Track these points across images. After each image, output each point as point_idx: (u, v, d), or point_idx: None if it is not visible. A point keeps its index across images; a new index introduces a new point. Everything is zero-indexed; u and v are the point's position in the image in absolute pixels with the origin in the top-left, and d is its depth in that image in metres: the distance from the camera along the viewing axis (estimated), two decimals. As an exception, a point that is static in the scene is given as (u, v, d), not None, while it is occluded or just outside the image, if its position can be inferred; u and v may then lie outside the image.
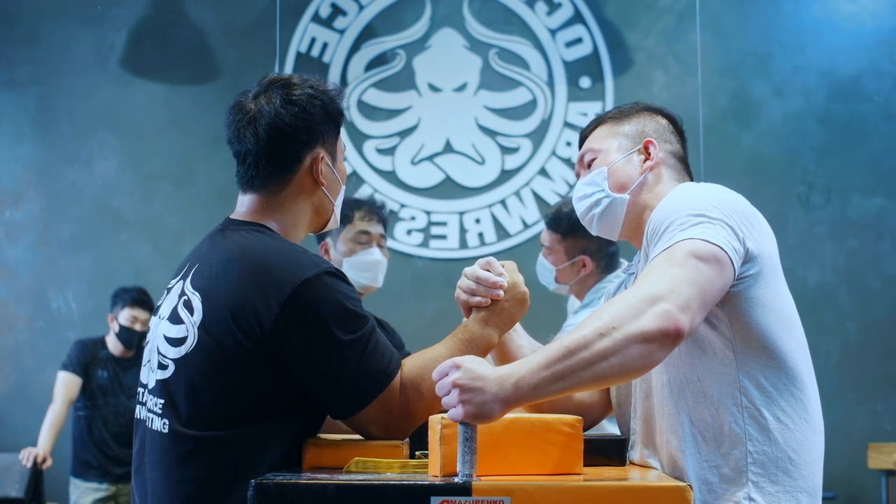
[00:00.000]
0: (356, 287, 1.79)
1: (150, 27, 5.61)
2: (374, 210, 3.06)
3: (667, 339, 1.47)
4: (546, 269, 3.46)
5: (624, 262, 3.13)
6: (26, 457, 4.77)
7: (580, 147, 2.01)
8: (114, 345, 4.88)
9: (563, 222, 3.35)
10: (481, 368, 1.44)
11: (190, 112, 5.57)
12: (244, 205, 1.86)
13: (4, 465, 4.95)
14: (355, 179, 5.39)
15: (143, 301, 4.84)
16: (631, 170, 1.88)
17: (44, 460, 4.79)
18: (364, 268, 3.01)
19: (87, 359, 4.83)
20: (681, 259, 1.54)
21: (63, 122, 5.58)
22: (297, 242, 1.82)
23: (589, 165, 1.94)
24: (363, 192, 4.67)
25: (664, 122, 1.97)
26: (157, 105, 5.58)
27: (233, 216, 1.86)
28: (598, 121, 1.99)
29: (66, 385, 4.78)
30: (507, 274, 1.82)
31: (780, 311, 1.69)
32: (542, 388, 1.43)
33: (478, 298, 1.81)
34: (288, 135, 1.80)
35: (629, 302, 1.48)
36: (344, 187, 1.92)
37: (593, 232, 1.94)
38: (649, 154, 1.89)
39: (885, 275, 5.23)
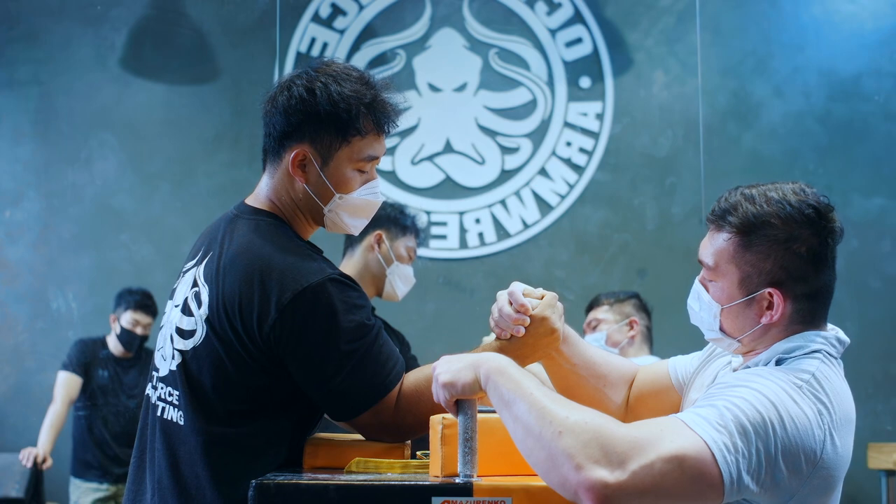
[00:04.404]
0: (386, 292, 1.79)
1: (150, 27, 5.61)
2: (421, 234, 3.28)
3: (579, 497, 1.32)
4: (594, 341, 3.79)
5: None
6: (26, 457, 4.77)
7: (708, 222, 1.67)
8: (114, 345, 4.87)
9: (610, 296, 3.87)
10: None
11: (190, 112, 5.56)
12: (259, 186, 1.86)
13: (4, 465, 4.94)
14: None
15: (147, 305, 4.84)
16: (747, 318, 1.62)
17: (44, 460, 4.79)
18: (405, 281, 3.16)
19: (87, 358, 4.82)
20: (672, 453, 1.34)
21: (63, 122, 5.58)
22: (306, 235, 1.82)
23: (708, 277, 1.67)
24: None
25: (804, 247, 1.57)
26: (157, 105, 5.57)
27: (248, 200, 1.85)
28: (728, 224, 1.61)
29: (66, 385, 4.78)
30: (539, 307, 1.76)
31: None
32: (496, 390, 1.41)
33: (498, 330, 1.79)
34: (284, 119, 1.78)
35: (600, 435, 1.33)
36: (346, 196, 1.80)
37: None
38: (772, 305, 1.59)
39: (885, 275, 5.22)
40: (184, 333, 1.72)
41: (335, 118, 1.76)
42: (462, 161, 5.49)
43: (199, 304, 1.71)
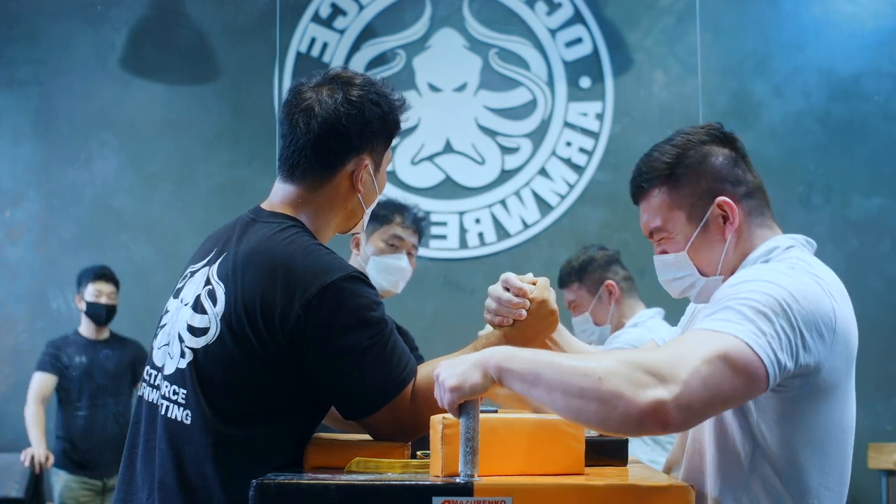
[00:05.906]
0: (376, 289, 1.79)
1: (150, 27, 5.61)
2: (416, 220, 3.07)
3: (645, 424, 1.35)
4: (579, 325, 3.64)
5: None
6: (27, 457, 4.77)
7: (635, 200, 1.78)
8: (85, 326, 4.91)
9: (572, 272, 3.65)
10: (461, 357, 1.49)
11: (190, 112, 5.57)
12: (279, 194, 1.83)
13: (4, 465, 4.94)
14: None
15: (105, 275, 4.91)
16: (713, 244, 1.69)
17: (46, 459, 4.77)
18: (389, 271, 3.01)
19: (59, 352, 4.85)
20: (712, 354, 1.39)
21: (63, 122, 5.58)
22: (326, 241, 1.82)
23: (659, 241, 1.75)
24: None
25: (720, 156, 1.73)
26: (157, 105, 5.57)
27: (264, 206, 1.84)
28: (650, 182, 1.73)
29: (38, 384, 4.82)
30: (536, 290, 1.81)
31: (818, 430, 1.58)
32: (515, 375, 1.41)
33: (499, 318, 1.82)
34: (340, 134, 1.78)
35: (637, 365, 1.36)
36: (379, 197, 1.90)
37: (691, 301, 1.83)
38: (726, 215, 1.69)
39: (885, 275, 5.23)
40: (196, 331, 1.71)
41: (389, 125, 1.84)
42: (462, 161, 5.49)
43: (215, 302, 1.70)
